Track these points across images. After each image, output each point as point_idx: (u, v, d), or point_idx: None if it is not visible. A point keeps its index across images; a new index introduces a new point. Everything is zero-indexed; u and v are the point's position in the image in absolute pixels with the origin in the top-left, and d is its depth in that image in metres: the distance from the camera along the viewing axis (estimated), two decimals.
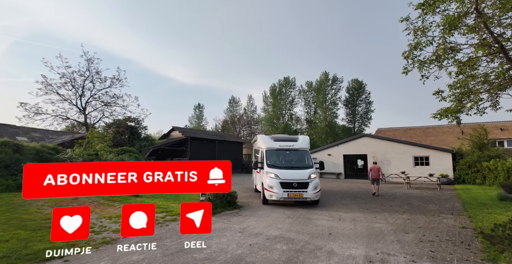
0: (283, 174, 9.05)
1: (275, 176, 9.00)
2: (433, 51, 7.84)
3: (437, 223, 6.95)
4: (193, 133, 27.82)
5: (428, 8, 6.68)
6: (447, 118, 8.93)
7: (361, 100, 56.66)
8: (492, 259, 4.29)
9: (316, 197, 9.03)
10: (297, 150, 10.39)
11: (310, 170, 9.39)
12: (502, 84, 7.48)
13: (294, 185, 8.83)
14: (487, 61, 8.63)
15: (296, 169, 9.52)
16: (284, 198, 8.66)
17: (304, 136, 11.15)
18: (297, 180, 8.91)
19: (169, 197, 10.31)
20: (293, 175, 9.05)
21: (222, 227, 6.21)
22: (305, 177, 9.02)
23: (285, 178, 8.91)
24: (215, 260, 4.17)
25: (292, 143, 10.48)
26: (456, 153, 20.32)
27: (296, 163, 10.08)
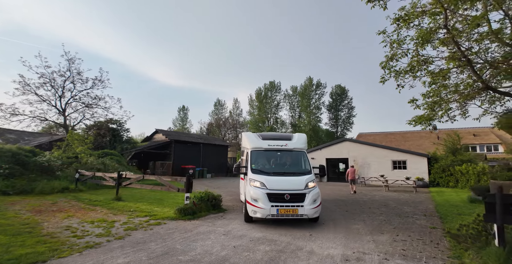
0: (272, 183, 6.80)
1: (260, 185, 6.80)
2: (408, 62, 8.40)
3: (410, 224, 7.38)
4: (177, 136, 27.53)
5: (403, 23, 7.19)
6: (421, 125, 9.53)
7: (344, 105, 58.30)
8: (457, 257, 4.67)
9: (316, 214, 6.75)
10: (291, 151, 8.11)
11: (308, 177, 7.15)
12: (470, 94, 8.11)
13: (286, 197, 6.59)
14: (457, 73, 9.32)
15: (289, 175, 7.26)
16: (273, 215, 6.43)
17: (300, 134, 8.73)
18: (289, 190, 6.70)
19: (153, 201, 10.24)
20: (284, 184, 6.84)
21: (206, 230, 6.31)
22: (301, 187, 6.82)
23: (274, 188, 6.70)
24: (200, 261, 4.28)
25: (285, 142, 8.15)
26: (431, 157, 21.39)
27: (289, 167, 7.89)
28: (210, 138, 32.66)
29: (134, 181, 10.35)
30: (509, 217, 4.34)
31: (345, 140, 25.83)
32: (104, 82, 24.18)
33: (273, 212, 6.44)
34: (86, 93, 23.87)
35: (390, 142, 38.89)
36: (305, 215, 6.56)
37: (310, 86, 56.99)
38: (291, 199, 6.64)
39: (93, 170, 15.31)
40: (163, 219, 7.30)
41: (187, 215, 7.50)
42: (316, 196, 6.90)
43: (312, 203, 6.71)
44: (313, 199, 6.76)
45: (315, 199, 6.83)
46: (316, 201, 6.86)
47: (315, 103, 56.50)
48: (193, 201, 8.02)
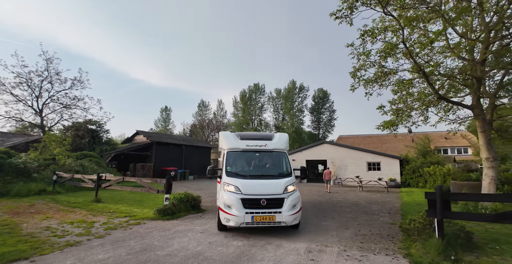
0: (247, 187, 6.23)
1: (235, 190, 6.22)
2: (375, 72, 9.17)
3: (374, 220, 8.09)
4: (158, 137, 27.40)
5: (369, 37, 7.91)
6: (388, 129, 10.35)
7: (326, 108, 59.97)
8: (406, 248, 5.33)
9: (295, 220, 6.21)
10: (271, 152, 7.45)
11: (287, 180, 6.59)
12: (427, 103, 8.98)
13: (262, 203, 6.06)
14: (418, 82, 10.23)
15: (267, 178, 6.70)
16: (247, 223, 5.87)
17: (281, 133, 8.04)
18: (266, 195, 6.15)
19: (132, 203, 10.41)
20: (261, 188, 6.29)
21: (184, 229, 6.67)
22: (279, 190, 6.26)
23: (249, 193, 6.15)
24: (176, 256, 4.67)
25: (265, 143, 7.50)
26: (403, 159, 22.69)
27: (268, 170, 7.21)
28: (192, 140, 32.69)
29: (114, 183, 10.48)
30: (447, 212, 5.06)
31: (324, 142, 26.78)
32: (83, 82, 23.82)
33: (247, 219, 5.87)
34: (64, 94, 23.42)
35: (368, 145, 40.38)
36: (283, 222, 6.00)
37: (294, 89, 58.28)
38: (268, 204, 6.08)
39: (71, 172, 15.15)
40: (143, 219, 7.58)
41: (166, 216, 7.81)
42: (296, 201, 6.32)
43: (291, 208, 6.13)
44: (292, 205, 6.18)
45: (294, 204, 6.24)
46: (296, 206, 6.27)
47: (298, 106, 57.85)
48: (172, 202, 8.33)
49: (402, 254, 5.01)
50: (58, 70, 23.04)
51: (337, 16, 7.08)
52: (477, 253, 4.95)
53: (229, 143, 7.51)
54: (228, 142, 7.53)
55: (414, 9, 7.47)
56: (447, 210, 5.05)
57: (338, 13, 6.97)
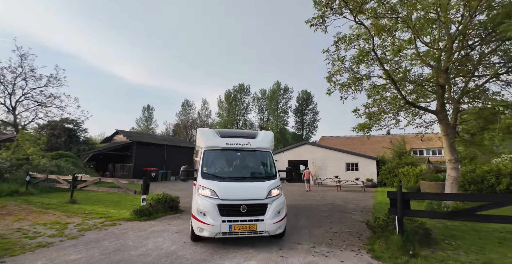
0: (225, 191, 5.50)
1: (210, 194, 5.46)
2: (349, 78, 9.59)
3: (346, 218, 8.50)
4: (139, 137, 26.92)
5: (343, 44, 8.29)
6: (362, 132, 10.82)
7: (309, 109, 61.07)
8: (371, 244, 5.70)
9: (279, 229, 5.53)
10: (254, 151, 6.72)
11: (272, 183, 5.91)
12: (397, 107, 9.52)
13: (242, 209, 5.36)
14: (390, 88, 10.77)
15: (248, 181, 5.98)
16: (224, 233, 5.15)
17: (266, 131, 7.29)
18: (247, 200, 5.46)
19: (109, 204, 10.30)
20: (241, 192, 5.58)
21: (160, 229, 6.74)
22: (262, 195, 5.57)
23: (228, 198, 5.41)
24: (149, 255, 4.77)
25: (248, 141, 6.75)
26: (379, 160, 23.63)
27: (250, 171, 6.53)
28: (175, 140, 32.35)
29: (90, 184, 10.30)
30: (406, 210, 5.46)
31: (305, 143, 27.35)
32: (60, 80, 23.05)
33: (224, 229, 5.15)
34: (39, 91, 22.52)
35: (349, 145, 41.46)
36: (266, 231, 5.32)
37: (278, 90, 58.97)
38: (249, 211, 5.37)
39: (46, 172, 14.66)
40: (119, 220, 7.55)
41: (143, 216, 7.82)
42: (281, 207, 5.63)
43: (274, 216, 5.46)
44: (276, 211, 5.50)
45: (278, 211, 5.55)
46: (280, 213, 5.60)
47: (283, 106, 58.60)
48: (149, 203, 8.34)
49: (366, 249, 5.36)
50: (33, 66, 22.18)
51: (312, 24, 7.41)
52: (434, 248, 5.39)
53: (207, 140, 6.60)
54: (206, 139, 6.62)
55: (385, 18, 7.94)
56: (406, 209, 5.46)
57: (313, 20, 7.31)
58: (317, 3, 7.42)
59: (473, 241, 5.92)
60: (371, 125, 9.87)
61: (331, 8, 7.44)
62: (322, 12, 7.22)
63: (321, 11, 7.18)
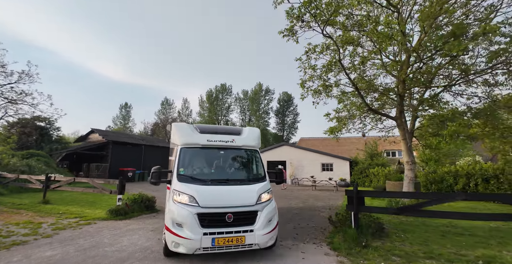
0: (206, 196, 4.70)
1: (189, 201, 4.63)
2: (320, 84, 10.25)
3: (315, 216, 9.13)
4: (115, 136, 26.38)
5: (312, 54, 8.92)
6: (332, 134, 11.56)
7: (290, 111, 62.35)
8: (331, 237, 6.31)
9: (271, 240, 4.82)
10: (240, 149, 5.97)
11: (262, 186, 5.20)
12: (361, 113, 10.33)
13: (228, 218, 4.58)
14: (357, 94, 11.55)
15: (234, 184, 5.18)
16: (205, 248, 4.39)
17: (252, 128, 6.49)
18: (233, 207, 4.69)
19: (84, 204, 10.29)
20: (226, 197, 4.80)
21: (136, 228, 6.98)
22: (251, 200, 4.84)
23: (210, 205, 4.62)
24: (124, 251, 5.06)
25: (232, 138, 5.94)
26: (352, 161, 24.86)
27: (236, 172, 5.74)
28: (153, 139, 31.96)
29: (64, 184, 10.23)
30: (361, 207, 6.12)
31: (284, 144, 28.13)
32: (32, 76, 22.10)
33: (206, 243, 4.34)
34: (10, 88, 21.50)
35: (326, 147, 42.87)
36: (256, 244, 4.58)
37: (260, 91, 59.75)
38: (236, 220, 4.58)
39: (16, 172, 14.22)
40: (94, 219, 7.69)
41: (118, 216, 7.99)
42: (272, 214, 4.95)
43: (266, 225, 4.72)
44: (267, 219, 4.78)
45: (270, 219, 4.84)
46: (272, 221, 4.90)
47: (264, 107, 59.45)
48: (125, 203, 8.51)
49: (326, 242, 5.97)
50: (4, 62, 21.13)
51: (284, 34, 7.97)
52: (384, 240, 6.09)
53: (184, 137, 5.68)
54: (183, 135, 5.70)
55: (350, 31, 8.65)
56: (361, 205, 6.12)
57: (285, 31, 7.88)
58: (289, 14, 7.96)
59: (420, 234, 6.71)
60: (340, 129, 10.61)
61: (302, 20, 8.02)
62: (290, 26, 7.79)
63: (292, 23, 7.74)
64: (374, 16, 8.57)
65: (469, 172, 14.42)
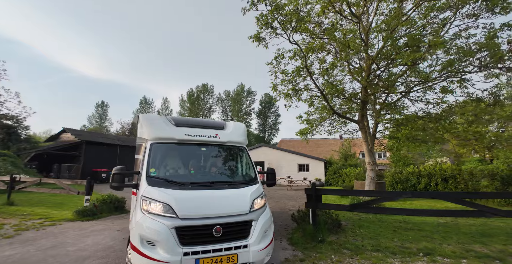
0: (187, 204, 3.71)
1: (163, 211, 3.62)
2: (290, 88, 10.67)
3: (284, 214, 9.52)
4: (89, 136, 25.62)
5: (281, 59, 9.33)
6: (303, 136, 12.03)
7: (271, 112, 63.14)
8: (292, 233, 6.70)
9: (268, 257, 3.98)
10: (224, 146, 5.06)
11: (255, 190, 4.28)
12: (327, 116, 10.89)
13: (216, 232, 3.64)
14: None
15: (220, 187, 4.19)
16: None
17: (236, 122, 5.68)
18: (222, 216, 3.77)
19: (51, 205, 10.09)
20: (212, 205, 3.83)
21: (102, 228, 7.02)
22: (243, 208, 3.93)
23: (192, 215, 3.65)
24: (86, 250, 5.16)
25: (215, 132, 5.01)
26: (327, 161, 25.77)
27: (221, 174, 4.76)
28: (129, 139, 31.25)
29: (29, 185, 9.97)
30: (319, 204, 6.57)
31: (263, 145, 28.59)
32: None
33: None
34: None
35: (305, 148, 43.86)
36: (251, 263, 3.70)
37: (242, 93, 60.05)
38: (225, 234, 3.66)
39: None
40: (60, 221, 7.63)
41: (86, 217, 7.97)
42: (268, 224, 4.12)
43: (262, 238, 3.89)
44: (263, 231, 3.95)
45: (266, 230, 4.02)
46: (268, 233, 4.08)
47: (246, 108, 59.83)
48: (93, 204, 8.49)
49: (287, 238, 6.35)
50: None
51: (254, 40, 8.32)
52: (339, 235, 6.56)
53: (155, 130, 4.65)
54: (154, 128, 4.67)
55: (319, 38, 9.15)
56: (319, 202, 6.57)
57: (253, 38, 8.24)
58: (259, 21, 8.32)
59: (374, 229, 7.27)
60: (309, 131, 11.12)
61: (271, 27, 8.41)
62: (256, 33, 8.16)
63: (261, 29, 8.11)
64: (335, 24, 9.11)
65: (430, 172, 15.49)
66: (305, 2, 8.69)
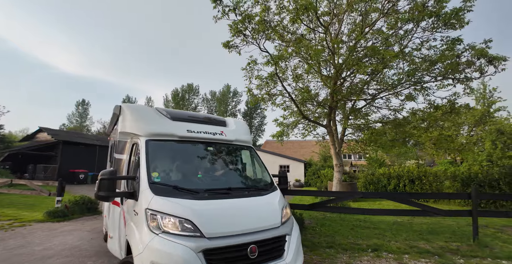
0: (212, 218, 2.90)
1: (181, 229, 2.74)
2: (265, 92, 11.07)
3: None
4: (67, 136, 25.08)
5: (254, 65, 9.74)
6: (279, 138, 12.47)
7: (257, 113, 63.55)
8: None
9: None
10: (232, 145, 4.38)
11: (279, 197, 3.69)
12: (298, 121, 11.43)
13: (251, 252, 2.85)
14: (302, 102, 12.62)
15: (239, 196, 3.41)
16: None
17: (237, 119, 5.17)
18: (255, 232, 3.02)
19: (22, 207, 10.04)
20: (239, 218, 3.05)
21: (72, 229, 7.16)
22: (275, 220, 3.28)
23: (220, 232, 2.83)
24: (52, 249, 5.36)
25: (219, 129, 4.27)
26: (307, 163, 26.51)
27: (235, 179, 4.17)
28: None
29: (1, 186, 9.89)
30: None
31: None
32: None
33: None
34: None
35: (289, 149, 44.58)
36: None
37: (228, 93, 60.12)
38: (262, 254, 2.97)
39: None
40: (30, 221, 7.69)
41: (57, 218, 8.05)
42: (300, 238, 3.59)
43: (297, 255, 3.28)
44: (298, 246, 3.39)
45: (299, 246, 3.42)
46: (300, 249, 3.47)
47: (232, 109, 59.90)
48: (65, 205, 8.56)
49: None
50: None
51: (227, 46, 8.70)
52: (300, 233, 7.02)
53: (149, 124, 3.84)
54: (148, 122, 3.87)
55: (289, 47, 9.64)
56: None
57: (225, 45, 8.63)
58: (232, 28, 8.69)
59: (333, 227, 7.78)
60: (286, 133, 11.62)
61: (244, 34, 8.80)
62: (225, 42, 8.57)
63: (234, 36, 8.51)
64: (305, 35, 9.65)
65: (399, 174, 16.39)
66: (277, 12, 9.17)
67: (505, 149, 22.97)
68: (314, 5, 8.23)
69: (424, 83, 9.53)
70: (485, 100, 23.63)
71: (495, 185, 12.37)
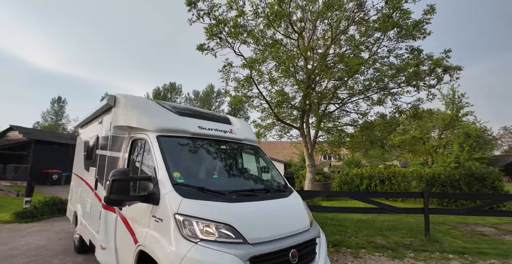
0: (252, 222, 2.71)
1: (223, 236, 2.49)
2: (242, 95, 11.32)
3: None
4: (40, 135, 24.12)
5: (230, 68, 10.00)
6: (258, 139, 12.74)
7: (241, 114, 63.69)
8: None
9: None
10: (242, 144, 4.29)
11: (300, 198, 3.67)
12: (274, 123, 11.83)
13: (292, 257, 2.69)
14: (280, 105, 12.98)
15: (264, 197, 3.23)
16: None
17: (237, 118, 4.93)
18: (292, 235, 2.90)
19: None
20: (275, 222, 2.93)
21: (40, 230, 7.09)
22: (305, 223, 3.18)
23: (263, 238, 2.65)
24: (18, 249, 5.36)
25: (228, 127, 4.11)
26: (287, 163, 27.05)
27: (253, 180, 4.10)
28: None
29: None
30: None
31: None
32: None
33: None
34: None
35: (272, 150, 45.08)
36: None
37: (212, 93, 59.86)
38: (300, 258, 2.80)
39: None
40: None
41: (24, 218, 7.92)
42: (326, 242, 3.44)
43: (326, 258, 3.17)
44: (326, 250, 3.29)
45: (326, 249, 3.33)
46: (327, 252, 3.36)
47: (215, 110, 59.63)
48: (34, 205, 8.43)
49: None
50: None
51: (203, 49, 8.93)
52: None
53: (159, 118, 3.55)
54: (157, 116, 3.59)
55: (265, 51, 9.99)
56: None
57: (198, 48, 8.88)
58: (208, 31, 8.89)
59: None
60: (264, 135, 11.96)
61: (219, 37, 9.04)
62: (199, 45, 8.81)
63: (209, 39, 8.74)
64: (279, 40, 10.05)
65: (371, 174, 17.20)
66: (253, 18, 9.49)
67: (472, 151, 24.66)
68: (287, 12, 8.62)
69: (390, 89, 10.18)
70: (454, 105, 25.04)
71: (456, 185, 13.32)
